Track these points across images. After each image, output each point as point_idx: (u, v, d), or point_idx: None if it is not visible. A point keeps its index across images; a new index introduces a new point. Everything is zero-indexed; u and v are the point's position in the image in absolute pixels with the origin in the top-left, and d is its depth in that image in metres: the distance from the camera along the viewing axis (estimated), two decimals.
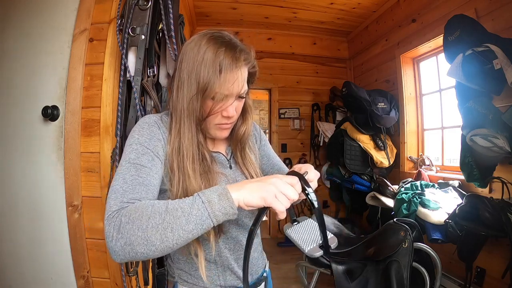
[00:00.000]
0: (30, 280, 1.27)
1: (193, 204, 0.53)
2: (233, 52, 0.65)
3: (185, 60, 0.67)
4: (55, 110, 1.23)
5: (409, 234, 1.31)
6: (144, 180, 0.60)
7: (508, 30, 1.62)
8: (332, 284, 1.44)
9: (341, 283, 1.37)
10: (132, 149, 0.64)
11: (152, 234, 0.51)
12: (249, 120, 0.81)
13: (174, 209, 0.53)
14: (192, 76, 0.65)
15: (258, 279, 0.80)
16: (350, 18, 3.20)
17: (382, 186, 2.24)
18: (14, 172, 1.26)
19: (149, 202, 0.55)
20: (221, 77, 0.64)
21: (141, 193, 0.59)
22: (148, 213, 0.52)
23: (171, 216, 0.52)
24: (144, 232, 0.51)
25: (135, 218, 0.52)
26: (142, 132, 0.67)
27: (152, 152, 0.65)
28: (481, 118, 1.57)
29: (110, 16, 1.28)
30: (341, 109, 3.42)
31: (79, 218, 1.23)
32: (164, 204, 0.54)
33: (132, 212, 0.53)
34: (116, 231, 0.52)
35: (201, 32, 0.70)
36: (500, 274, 1.50)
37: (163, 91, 1.30)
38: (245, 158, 0.81)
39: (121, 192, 0.57)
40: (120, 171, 0.61)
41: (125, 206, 0.55)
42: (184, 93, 0.67)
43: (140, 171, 0.61)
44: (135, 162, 0.62)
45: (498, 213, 1.43)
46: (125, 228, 0.52)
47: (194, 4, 2.90)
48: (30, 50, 1.28)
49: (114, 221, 0.53)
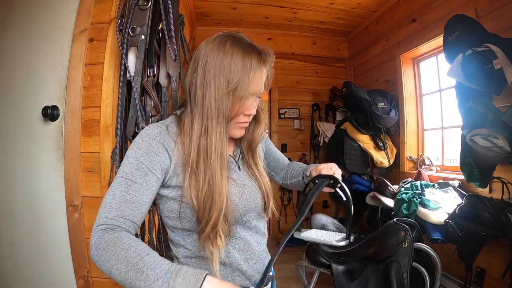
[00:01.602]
0: (30, 280, 1.27)
1: (159, 280, 0.52)
2: (260, 54, 0.69)
3: (210, 60, 0.68)
4: (55, 110, 1.23)
5: (409, 234, 1.31)
6: (132, 198, 0.63)
7: (508, 30, 1.62)
8: (332, 284, 1.44)
9: (341, 283, 1.37)
10: (128, 162, 0.65)
11: (114, 274, 0.55)
12: (263, 121, 0.84)
13: (140, 270, 0.53)
14: (220, 75, 0.67)
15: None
16: (350, 18, 3.20)
17: (382, 186, 2.24)
18: (14, 172, 1.26)
19: (128, 243, 0.56)
20: (250, 76, 0.67)
21: (126, 210, 0.61)
22: (120, 255, 0.55)
23: (134, 274, 0.53)
24: (109, 268, 0.55)
25: (109, 251, 0.56)
26: (141, 145, 0.67)
27: (146, 168, 0.65)
28: (481, 118, 1.57)
29: (110, 16, 1.28)
30: (341, 109, 3.42)
31: (79, 218, 1.23)
32: (137, 255, 0.54)
33: (111, 243, 0.56)
34: (94, 246, 0.57)
35: (216, 35, 0.72)
36: (500, 274, 1.50)
37: (163, 91, 1.30)
38: (255, 158, 0.82)
39: (108, 208, 0.61)
40: (113, 184, 0.64)
41: (108, 223, 0.60)
42: (211, 92, 0.67)
43: (130, 188, 0.63)
44: (127, 178, 0.64)
45: (498, 213, 1.43)
46: (99, 250, 0.57)
47: (194, 4, 2.89)
48: (30, 50, 1.28)
49: (96, 237, 0.58)
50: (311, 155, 3.64)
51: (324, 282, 1.87)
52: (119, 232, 0.59)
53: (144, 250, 0.56)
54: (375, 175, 2.75)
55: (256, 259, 0.77)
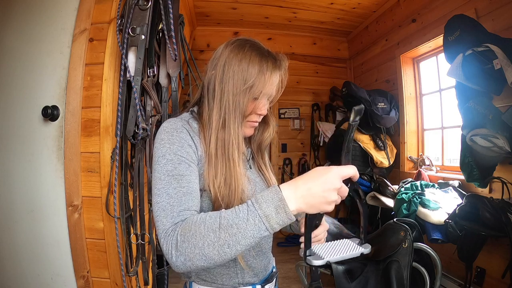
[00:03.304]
0: (30, 280, 1.27)
1: (248, 219, 0.54)
2: (275, 59, 0.75)
3: (229, 59, 0.73)
4: (55, 110, 1.23)
5: (409, 234, 1.31)
6: (188, 189, 0.64)
7: (508, 30, 1.62)
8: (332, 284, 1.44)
9: (341, 283, 1.37)
10: (167, 160, 0.66)
11: (210, 251, 0.54)
12: (272, 123, 0.87)
13: (229, 225, 0.54)
14: (239, 74, 0.71)
15: (269, 274, 0.83)
16: (350, 18, 3.20)
17: (382, 186, 2.24)
18: (14, 172, 1.26)
19: (200, 218, 0.57)
20: (266, 78, 0.72)
21: (187, 202, 0.63)
22: (202, 231, 0.55)
23: (226, 234, 0.54)
24: (201, 249, 0.54)
25: (190, 237, 0.55)
26: (173, 140, 0.68)
27: (187, 160, 0.67)
28: (481, 118, 1.57)
29: (110, 16, 1.28)
30: (341, 109, 3.42)
31: (79, 218, 1.23)
32: (216, 219, 0.56)
33: (186, 230, 0.56)
34: (174, 249, 0.56)
35: (235, 38, 0.77)
36: (500, 274, 1.50)
37: (163, 91, 1.30)
38: (264, 159, 0.87)
39: (169, 208, 0.61)
40: (161, 186, 0.63)
41: (176, 221, 0.59)
42: (230, 88, 0.71)
43: (181, 181, 0.64)
44: (174, 174, 0.64)
45: (498, 213, 1.43)
46: (182, 246, 0.55)
47: (194, 4, 2.89)
48: (30, 50, 1.28)
49: (170, 239, 0.57)
50: (311, 155, 3.64)
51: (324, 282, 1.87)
52: (186, 220, 0.59)
53: (214, 213, 0.57)
54: (375, 175, 2.75)
55: (263, 256, 0.79)
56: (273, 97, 0.79)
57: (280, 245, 3.29)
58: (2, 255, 1.28)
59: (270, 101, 0.80)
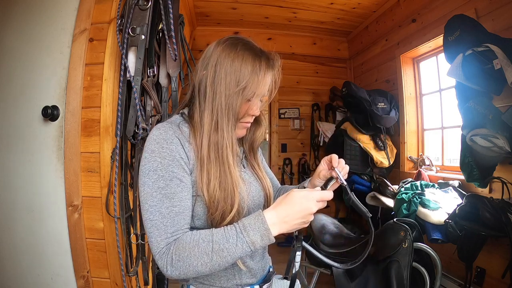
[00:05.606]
0: (30, 280, 1.27)
1: (237, 245, 0.61)
2: (268, 59, 0.74)
3: (221, 59, 0.70)
4: (55, 110, 1.23)
5: (409, 234, 1.31)
6: (180, 208, 0.65)
7: (508, 30, 1.62)
8: (332, 284, 1.44)
9: (341, 283, 1.37)
10: (158, 176, 0.65)
11: (203, 269, 0.61)
12: (263, 123, 0.87)
13: (220, 249, 0.60)
14: (231, 75, 0.69)
15: (266, 274, 0.83)
16: (350, 18, 3.20)
17: (382, 186, 2.24)
18: (14, 172, 1.26)
19: (193, 241, 0.62)
20: (259, 78, 0.70)
21: (180, 222, 0.65)
22: (196, 254, 0.60)
23: (218, 256, 0.60)
24: (195, 267, 0.61)
25: (184, 257, 0.61)
26: (163, 154, 0.65)
27: (178, 175, 0.66)
28: (481, 118, 1.57)
29: (110, 16, 1.28)
30: (341, 109, 3.41)
31: (79, 218, 1.23)
32: (209, 244, 0.61)
33: (181, 251, 0.61)
34: (169, 265, 0.61)
35: (227, 37, 0.75)
36: (500, 274, 1.50)
37: (163, 91, 1.30)
38: (257, 159, 0.86)
39: (163, 228, 0.63)
40: (153, 203, 0.64)
41: (170, 241, 0.63)
42: (222, 89, 0.69)
43: (173, 200, 0.64)
44: (166, 192, 0.64)
45: (498, 213, 1.43)
46: (177, 264, 0.61)
47: (194, 4, 2.89)
48: (30, 50, 1.28)
49: (165, 258, 0.62)
50: (311, 155, 3.63)
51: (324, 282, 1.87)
52: (178, 239, 0.63)
53: (207, 234, 0.62)
54: (375, 175, 2.75)
55: (259, 256, 0.79)
56: (266, 97, 0.78)
57: (280, 245, 3.29)
58: (2, 255, 1.28)
59: (262, 102, 0.79)
